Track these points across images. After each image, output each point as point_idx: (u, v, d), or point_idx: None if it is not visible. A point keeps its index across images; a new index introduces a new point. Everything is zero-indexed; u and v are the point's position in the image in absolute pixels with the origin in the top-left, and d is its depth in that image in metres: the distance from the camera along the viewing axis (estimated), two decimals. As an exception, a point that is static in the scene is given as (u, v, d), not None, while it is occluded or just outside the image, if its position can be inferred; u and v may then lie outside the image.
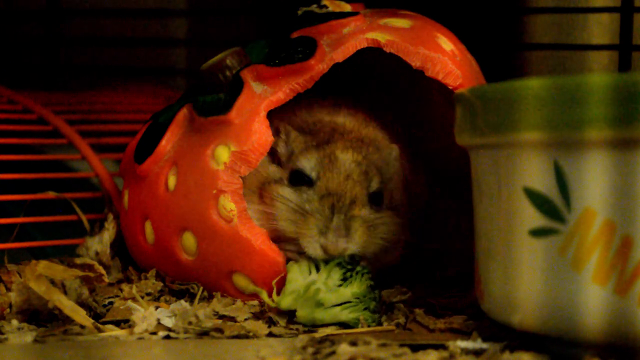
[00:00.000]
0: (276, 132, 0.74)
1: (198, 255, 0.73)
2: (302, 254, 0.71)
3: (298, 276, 0.70)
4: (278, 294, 0.70)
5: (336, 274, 0.70)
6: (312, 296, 0.69)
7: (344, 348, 0.60)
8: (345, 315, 0.69)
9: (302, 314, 0.69)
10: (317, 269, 0.70)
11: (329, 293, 0.69)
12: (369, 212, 0.72)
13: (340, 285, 0.70)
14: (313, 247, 0.71)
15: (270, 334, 0.67)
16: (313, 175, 0.73)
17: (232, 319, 0.69)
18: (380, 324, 0.70)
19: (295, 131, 0.75)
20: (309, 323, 0.69)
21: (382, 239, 0.73)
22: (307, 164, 0.73)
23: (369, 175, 0.73)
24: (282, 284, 0.71)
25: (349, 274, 0.70)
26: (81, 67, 1.24)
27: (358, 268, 0.71)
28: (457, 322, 0.68)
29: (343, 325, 0.69)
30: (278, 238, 0.72)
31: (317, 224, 0.70)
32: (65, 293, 0.70)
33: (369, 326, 0.69)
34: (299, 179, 0.73)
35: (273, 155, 0.75)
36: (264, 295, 0.70)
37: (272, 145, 0.73)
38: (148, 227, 0.76)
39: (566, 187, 0.57)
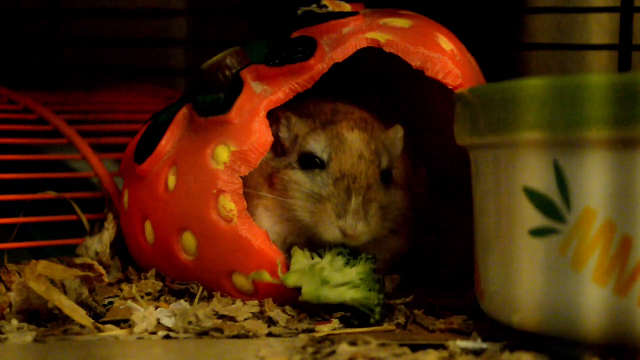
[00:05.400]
0: (276, 121, 0.74)
1: (198, 255, 0.73)
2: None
3: (302, 259, 0.70)
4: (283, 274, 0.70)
5: (340, 261, 0.70)
6: (317, 274, 0.68)
7: (344, 348, 0.60)
8: (350, 295, 0.69)
9: (307, 290, 0.68)
10: (320, 258, 0.71)
11: (334, 272, 0.69)
12: (382, 192, 0.72)
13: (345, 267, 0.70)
14: (332, 232, 0.70)
15: (270, 334, 0.67)
16: (324, 157, 0.72)
17: (232, 319, 0.69)
18: (385, 308, 0.69)
19: (295, 116, 0.75)
20: (314, 301, 0.68)
21: (392, 220, 0.73)
22: (317, 145, 0.73)
23: (379, 154, 0.73)
24: (284, 268, 0.71)
25: (353, 262, 0.70)
26: (81, 67, 1.24)
27: (362, 255, 0.70)
28: (457, 322, 0.68)
29: (345, 323, 0.69)
30: (290, 228, 0.73)
31: (334, 208, 0.70)
32: (65, 293, 0.71)
33: (371, 310, 0.68)
34: (309, 162, 0.73)
35: (275, 149, 0.74)
36: (266, 276, 0.69)
37: (275, 134, 0.73)
38: (148, 227, 0.76)
39: (566, 187, 0.57)
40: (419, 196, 0.79)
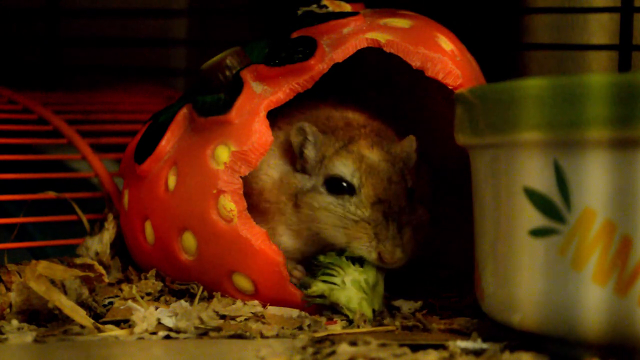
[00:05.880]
0: (301, 132, 0.73)
1: (198, 255, 0.73)
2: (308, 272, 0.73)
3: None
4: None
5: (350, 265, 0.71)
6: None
7: (344, 348, 0.60)
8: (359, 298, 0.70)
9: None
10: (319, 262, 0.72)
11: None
12: (410, 213, 0.72)
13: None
14: (368, 250, 0.70)
15: (270, 334, 0.67)
16: (355, 182, 0.71)
17: (232, 319, 0.69)
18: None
19: (320, 134, 0.73)
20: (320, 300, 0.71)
21: (421, 238, 0.73)
22: (345, 169, 0.72)
23: (404, 174, 0.73)
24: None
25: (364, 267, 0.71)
26: (81, 67, 1.24)
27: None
28: (457, 322, 0.68)
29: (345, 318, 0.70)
30: (310, 242, 0.73)
31: (373, 230, 0.70)
32: (65, 293, 0.71)
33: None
34: (337, 186, 0.72)
35: (291, 159, 0.74)
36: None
37: (298, 149, 0.73)
38: (148, 227, 0.76)
39: (566, 187, 0.57)
40: (425, 196, 0.79)
